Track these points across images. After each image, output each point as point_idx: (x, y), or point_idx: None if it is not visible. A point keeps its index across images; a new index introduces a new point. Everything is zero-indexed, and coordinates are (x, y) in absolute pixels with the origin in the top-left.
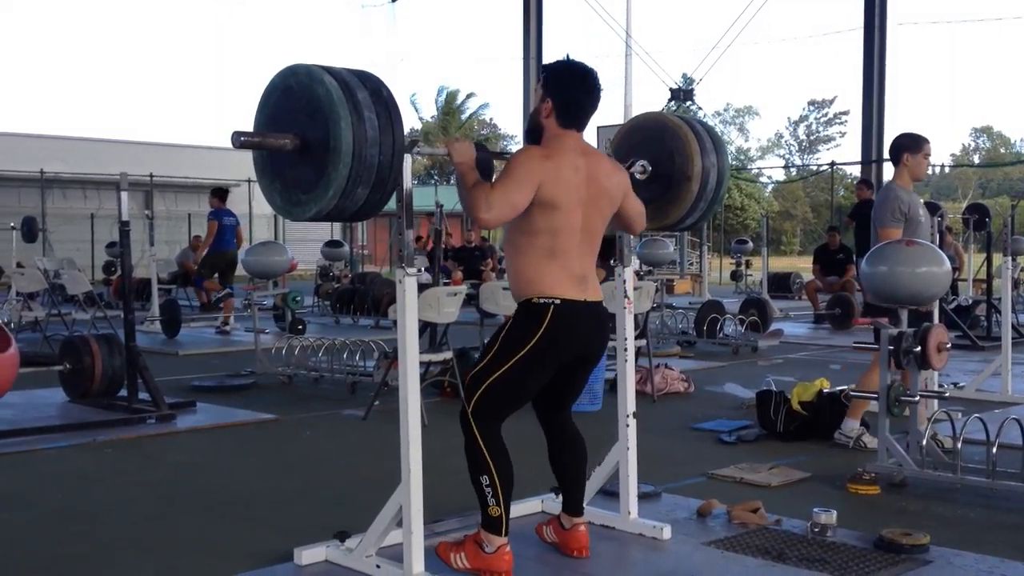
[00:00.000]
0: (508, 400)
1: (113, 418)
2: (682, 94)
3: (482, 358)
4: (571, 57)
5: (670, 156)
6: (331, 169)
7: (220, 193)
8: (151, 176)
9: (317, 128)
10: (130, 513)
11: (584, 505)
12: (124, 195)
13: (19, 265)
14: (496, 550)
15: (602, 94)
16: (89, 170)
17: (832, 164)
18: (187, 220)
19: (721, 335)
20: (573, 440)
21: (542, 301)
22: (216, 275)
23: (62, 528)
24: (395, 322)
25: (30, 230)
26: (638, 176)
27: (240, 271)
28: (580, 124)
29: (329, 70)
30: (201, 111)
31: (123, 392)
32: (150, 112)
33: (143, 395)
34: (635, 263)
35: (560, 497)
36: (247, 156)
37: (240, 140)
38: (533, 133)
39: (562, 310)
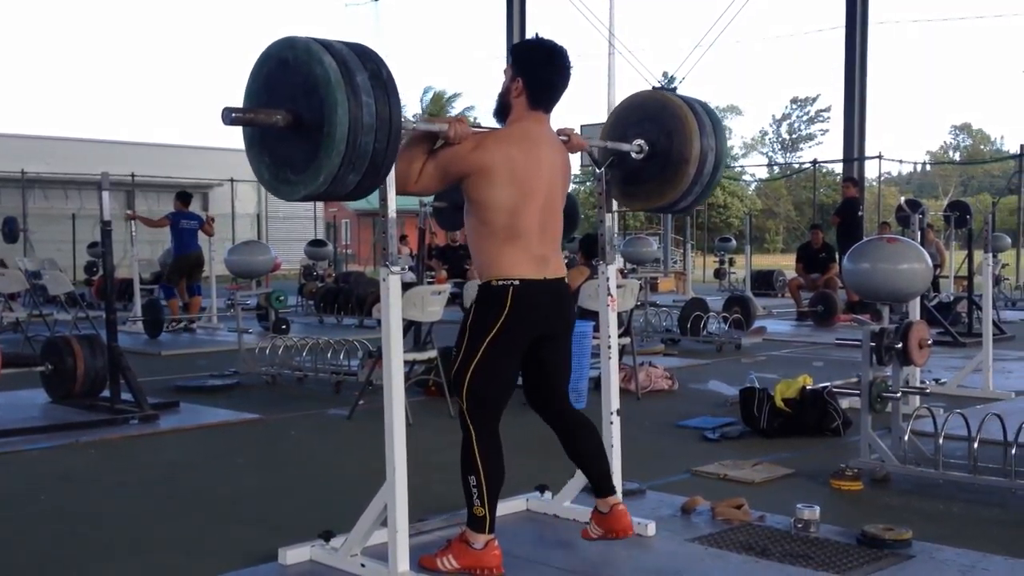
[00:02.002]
0: (495, 385)
1: (96, 419)
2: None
3: (457, 352)
4: (540, 36)
5: (668, 136)
6: (323, 155)
7: (184, 197)
8: (133, 176)
9: (312, 109)
10: (114, 513)
11: (615, 485)
12: (106, 195)
13: (2, 264)
14: (484, 545)
15: (571, 73)
16: (70, 170)
17: (815, 162)
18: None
19: (705, 333)
20: (579, 424)
21: (501, 283)
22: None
23: (47, 529)
24: (379, 321)
25: (11, 230)
26: (634, 155)
27: (223, 271)
28: (549, 105)
29: (328, 47)
30: (183, 110)
31: (106, 393)
32: (132, 111)
33: (126, 396)
34: (619, 261)
35: (546, 493)
36: (229, 156)
37: (231, 116)
38: (502, 112)
39: (521, 290)
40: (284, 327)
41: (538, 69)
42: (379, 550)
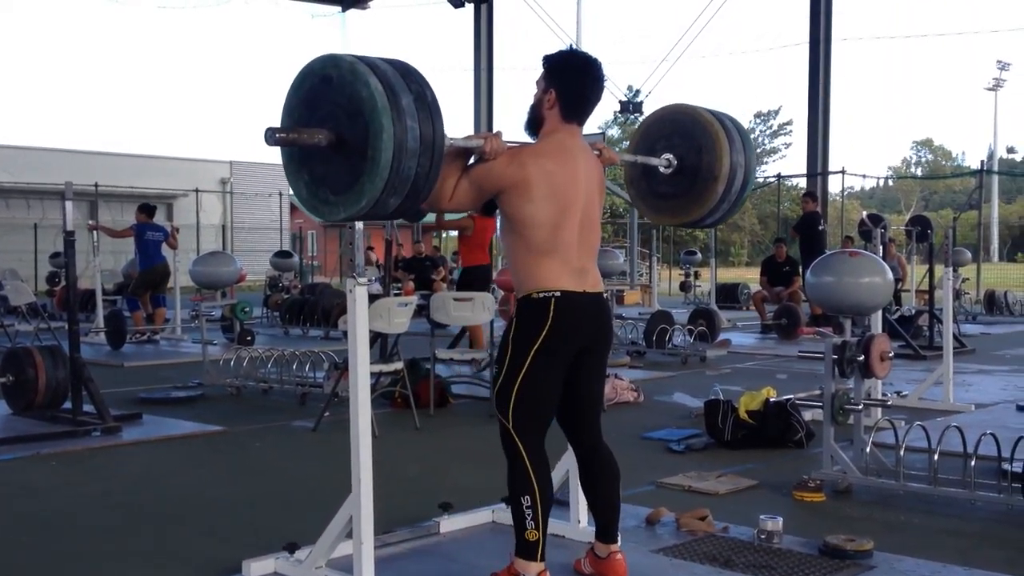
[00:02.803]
0: (540, 401)
1: (58, 431)
2: (631, 107)
3: (499, 369)
4: (573, 47)
5: (698, 153)
6: (366, 179)
7: (147, 209)
8: (96, 186)
9: (355, 132)
10: (76, 526)
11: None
12: (69, 204)
13: None
14: None
15: (604, 85)
16: (33, 179)
17: (779, 176)
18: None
19: (670, 345)
20: (605, 462)
21: (542, 295)
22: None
23: (8, 541)
24: (345, 333)
25: None
26: (662, 170)
27: (187, 281)
28: (582, 117)
29: (374, 68)
30: (147, 120)
31: (68, 404)
32: (96, 121)
33: (88, 407)
34: None
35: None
36: (194, 166)
37: (275, 137)
38: (534, 124)
39: (563, 302)
40: (249, 338)
41: (572, 80)
42: (344, 562)
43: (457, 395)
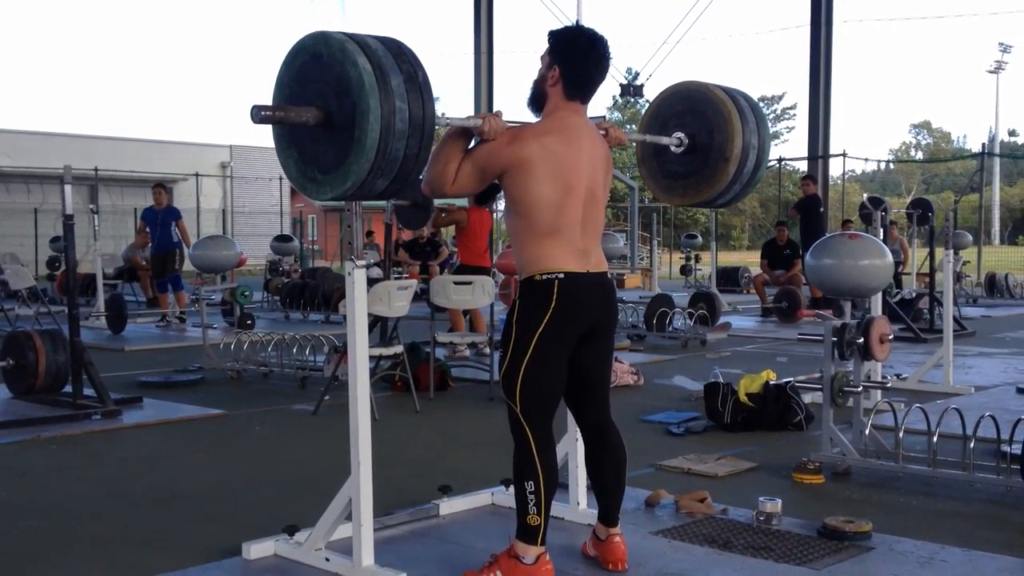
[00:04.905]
0: (546, 384)
1: (58, 414)
2: (632, 89)
3: (504, 353)
4: (581, 24)
5: (710, 133)
6: (352, 160)
7: (169, 190)
8: (96, 170)
9: (343, 111)
10: (76, 509)
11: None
12: (68, 188)
13: None
14: (536, 560)
15: (610, 64)
16: (33, 164)
17: (780, 160)
18: (133, 214)
19: (670, 328)
20: (611, 447)
21: (545, 277)
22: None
23: (7, 525)
24: (345, 317)
25: None
26: (673, 148)
27: (188, 266)
28: (586, 95)
29: (364, 48)
30: (147, 104)
31: (68, 388)
32: (96, 105)
33: (88, 391)
34: None
35: (511, 487)
36: (193, 150)
37: (261, 114)
38: (537, 101)
39: (567, 283)
40: (249, 322)
41: (577, 58)
42: (344, 544)
43: (457, 378)
